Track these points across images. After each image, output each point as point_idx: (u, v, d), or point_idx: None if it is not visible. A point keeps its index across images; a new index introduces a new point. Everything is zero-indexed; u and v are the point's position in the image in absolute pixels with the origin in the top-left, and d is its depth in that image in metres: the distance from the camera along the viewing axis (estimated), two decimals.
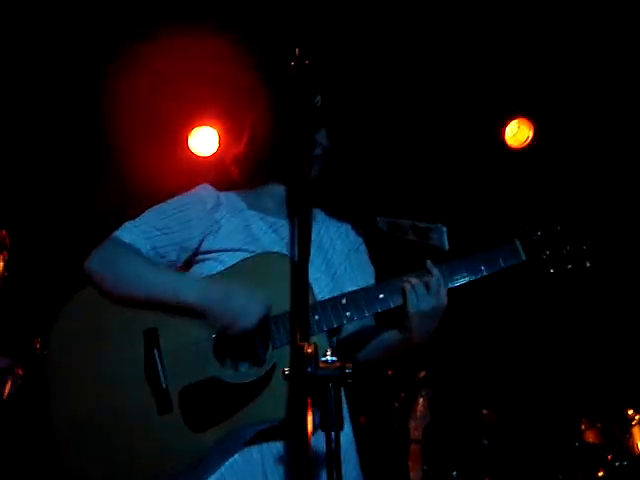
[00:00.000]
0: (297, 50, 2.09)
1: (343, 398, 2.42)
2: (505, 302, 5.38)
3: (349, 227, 2.70)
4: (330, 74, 2.48)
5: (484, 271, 2.39)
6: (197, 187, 2.61)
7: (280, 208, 2.58)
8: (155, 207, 2.55)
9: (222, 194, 2.60)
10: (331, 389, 1.72)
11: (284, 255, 2.39)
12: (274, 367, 2.27)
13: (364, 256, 2.69)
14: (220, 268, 2.42)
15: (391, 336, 2.45)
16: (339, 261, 2.59)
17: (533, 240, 2.45)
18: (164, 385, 2.31)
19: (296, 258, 1.85)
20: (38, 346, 4.46)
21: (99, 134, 5.18)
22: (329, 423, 1.72)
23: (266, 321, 2.28)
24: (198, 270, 2.50)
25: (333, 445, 1.72)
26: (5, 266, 4.24)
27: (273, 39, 4.58)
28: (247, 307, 2.25)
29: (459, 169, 5.46)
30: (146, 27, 4.75)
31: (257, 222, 2.55)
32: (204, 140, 5.50)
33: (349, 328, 2.55)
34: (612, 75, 5.05)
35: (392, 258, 2.77)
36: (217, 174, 2.71)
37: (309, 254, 1.87)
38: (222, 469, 2.32)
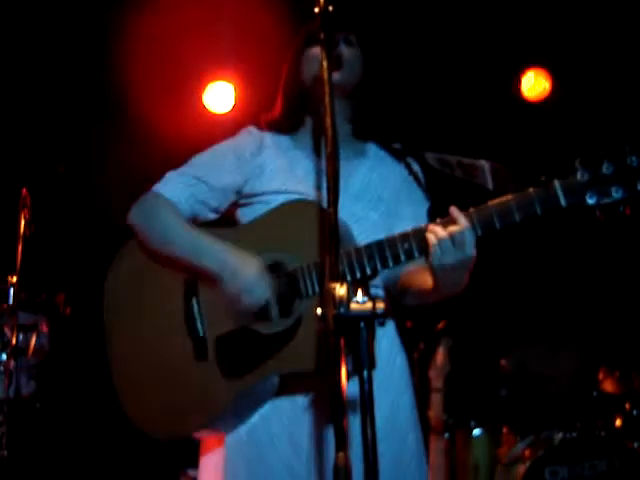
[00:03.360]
0: None
1: (396, 332, 2.50)
2: (523, 250, 5.37)
3: (403, 164, 2.64)
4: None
5: (517, 218, 2.18)
6: (241, 131, 2.63)
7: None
8: (196, 155, 2.59)
9: (268, 135, 2.60)
10: (363, 329, 1.74)
11: (316, 203, 2.39)
12: (300, 318, 2.29)
13: (417, 192, 2.63)
14: (268, 208, 2.44)
15: (425, 285, 2.39)
16: (390, 197, 2.55)
17: (577, 182, 2.16)
18: (201, 333, 2.38)
19: (325, 200, 1.86)
20: (62, 303, 4.52)
21: (112, 89, 5.15)
22: (361, 362, 1.74)
23: (282, 285, 2.31)
24: (246, 212, 2.53)
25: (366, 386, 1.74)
26: (27, 224, 4.29)
27: None
28: (250, 288, 2.27)
29: (475, 122, 5.42)
30: None
31: (302, 161, 2.53)
32: (219, 96, 5.44)
33: (393, 272, 2.51)
34: (628, 25, 4.99)
35: (445, 193, 2.64)
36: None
37: (338, 196, 1.88)
38: (253, 421, 2.38)
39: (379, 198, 2.53)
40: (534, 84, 5.48)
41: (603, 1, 4.94)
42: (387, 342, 2.47)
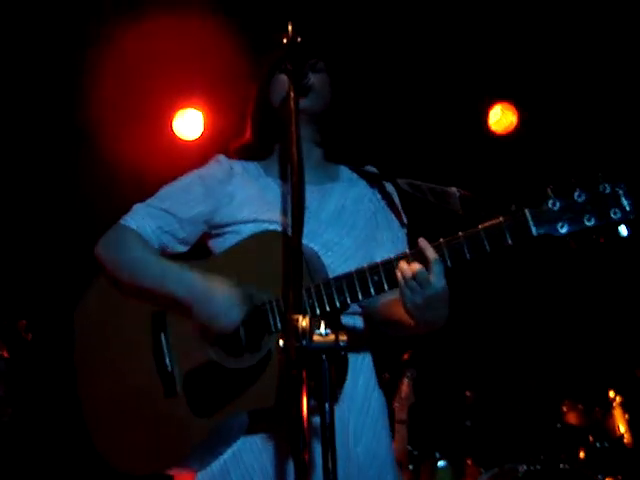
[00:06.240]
0: (289, 27, 2.09)
1: (371, 365, 2.47)
2: (489, 284, 5.41)
3: (376, 187, 2.62)
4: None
5: (488, 248, 2.07)
6: (210, 160, 2.59)
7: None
8: (164, 186, 2.55)
9: (237, 163, 2.58)
10: (325, 361, 1.73)
11: (285, 234, 2.34)
12: (270, 353, 2.24)
13: (392, 215, 2.59)
14: (238, 239, 2.41)
15: (405, 318, 2.26)
16: (365, 222, 2.53)
17: (548, 210, 2.03)
18: (169, 368, 2.34)
19: (289, 228, 1.85)
20: (23, 329, 4.46)
21: (81, 116, 5.13)
22: (323, 395, 1.73)
23: (251, 318, 2.26)
24: (218, 243, 2.50)
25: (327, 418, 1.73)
26: None
27: (263, 15, 4.55)
28: (225, 311, 2.23)
29: (443, 155, 5.46)
30: (129, 5, 4.71)
31: (272, 188, 2.51)
32: (189, 123, 5.48)
33: (376, 302, 2.45)
34: (595, 58, 5.08)
35: (420, 217, 2.66)
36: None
37: (302, 224, 1.86)
38: (225, 457, 2.34)
39: (353, 224, 2.50)
40: (501, 118, 5.54)
41: (570, 37, 5.01)
42: (364, 379, 2.44)
